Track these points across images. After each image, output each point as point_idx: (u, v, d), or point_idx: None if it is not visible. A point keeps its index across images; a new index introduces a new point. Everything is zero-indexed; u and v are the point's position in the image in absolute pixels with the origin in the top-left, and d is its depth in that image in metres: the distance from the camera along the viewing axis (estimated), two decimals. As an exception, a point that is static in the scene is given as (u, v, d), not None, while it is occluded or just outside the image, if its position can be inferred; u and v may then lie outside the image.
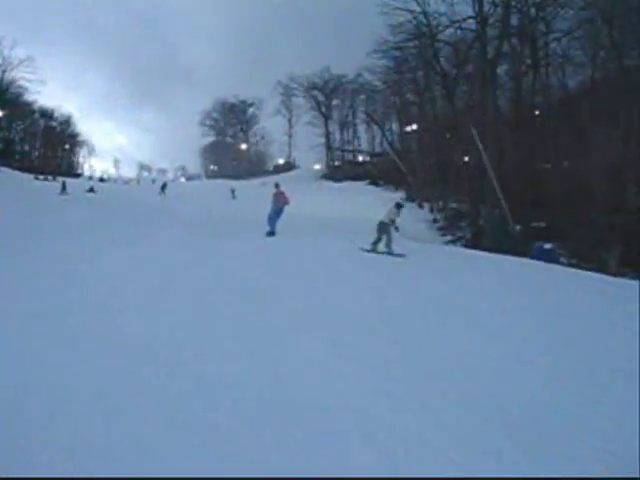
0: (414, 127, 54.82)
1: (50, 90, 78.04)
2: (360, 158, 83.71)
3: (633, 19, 31.89)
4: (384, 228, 16.51)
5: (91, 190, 44.93)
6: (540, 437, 4.68)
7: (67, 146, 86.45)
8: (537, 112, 37.30)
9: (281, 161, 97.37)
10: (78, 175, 79.37)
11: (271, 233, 18.68)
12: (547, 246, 26.78)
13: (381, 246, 16.38)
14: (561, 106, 36.27)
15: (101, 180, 74.43)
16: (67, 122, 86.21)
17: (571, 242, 26.94)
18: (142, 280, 9.74)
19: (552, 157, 32.64)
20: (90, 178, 71.79)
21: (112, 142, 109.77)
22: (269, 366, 5.62)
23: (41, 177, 59.38)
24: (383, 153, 73.50)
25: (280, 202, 19.23)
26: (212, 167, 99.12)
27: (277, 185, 20.04)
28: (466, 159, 39.96)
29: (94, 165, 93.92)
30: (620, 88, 28.60)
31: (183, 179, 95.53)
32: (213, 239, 17.51)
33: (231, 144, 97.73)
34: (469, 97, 45.39)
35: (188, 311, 7.65)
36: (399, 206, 17.83)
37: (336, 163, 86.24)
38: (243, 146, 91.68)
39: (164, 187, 50.83)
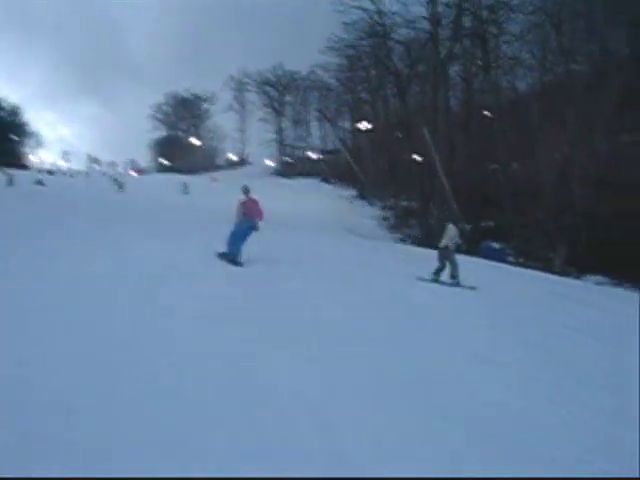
0: (366, 125, 55.01)
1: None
2: (313, 155, 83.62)
3: (579, 25, 32.75)
4: (445, 254, 14.02)
5: (39, 183, 43.64)
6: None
7: (14, 137, 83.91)
8: (488, 113, 37.88)
9: (233, 157, 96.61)
10: (25, 167, 77.05)
11: (231, 259, 12.64)
12: (495, 245, 27.37)
13: (445, 275, 13.95)
14: (511, 107, 36.95)
15: (49, 173, 72.41)
16: (14, 112, 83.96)
17: (519, 241, 27.48)
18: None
19: (502, 157, 33.20)
20: (39, 171, 69.67)
21: (54, 133, 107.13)
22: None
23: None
24: (335, 150, 73.64)
25: (250, 214, 13.18)
26: (163, 161, 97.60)
27: (246, 190, 13.70)
28: (417, 158, 40.31)
29: (41, 157, 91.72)
30: (567, 91, 29.29)
31: (134, 173, 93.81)
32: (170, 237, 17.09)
33: (183, 138, 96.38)
34: (421, 96, 45.82)
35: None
36: (457, 223, 15.30)
37: (289, 160, 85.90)
38: (195, 141, 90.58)
39: (121, 185, 47.64)
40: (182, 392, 4.93)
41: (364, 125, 54.97)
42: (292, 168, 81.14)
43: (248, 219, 13.11)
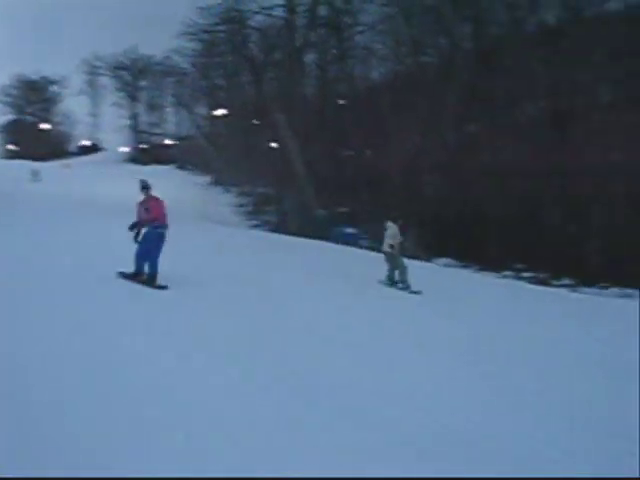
0: (222, 111, 54.21)
1: None
2: (168, 142, 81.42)
3: (429, 19, 33.99)
4: (391, 257, 13.84)
5: None
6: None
7: None
8: (342, 101, 38.49)
9: (86, 143, 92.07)
10: None
11: (149, 279, 10.61)
12: (348, 230, 27.95)
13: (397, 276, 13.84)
14: (365, 96, 37.74)
15: None
16: None
17: (372, 226, 28.12)
18: None
19: (356, 145, 33.87)
20: None
21: None
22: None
23: None
24: (191, 137, 72.16)
25: (156, 218, 10.80)
26: (11, 147, 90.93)
27: (146, 186, 11.18)
28: (273, 145, 40.28)
29: None
30: (418, 82, 30.39)
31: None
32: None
33: (32, 123, 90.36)
34: (277, 83, 45.76)
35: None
36: (396, 220, 14.35)
37: (144, 146, 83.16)
38: (45, 126, 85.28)
39: None
40: None
41: (220, 111, 54.19)
42: (147, 154, 78.56)
43: (156, 226, 10.78)
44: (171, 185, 50.30)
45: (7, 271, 10.05)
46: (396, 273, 13.87)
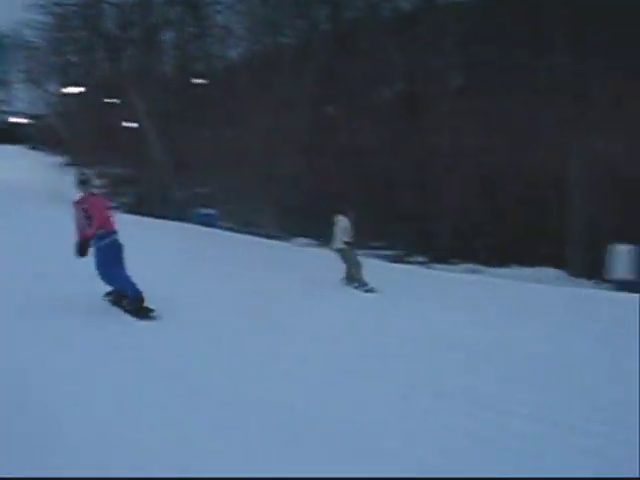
0: (76, 89, 51.49)
1: None
2: (20, 120, 76.38)
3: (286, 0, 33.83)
4: (345, 254, 12.99)
5: None
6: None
7: None
8: (201, 80, 37.66)
9: None
10: None
11: (133, 299, 8.61)
12: (206, 211, 27.50)
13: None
14: (224, 76, 37.12)
15: None
16: None
17: (231, 207, 27.82)
18: None
19: (216, 125, 33.17)
20: None
21: None
22: None
23: None
24: (44, 115, 68.13)
25: (96, 226, 8.53)
26: None
27: (84, 181, 9.31)
28: (130, 124, 38.80)
29: None
30: (275, 63, 30.24)
31: None
32: None
33: None
34: (134, 62, 44.02)
35: None
36: (348, 213, 13.32)
37: (-11, 125, 77.60)
38: None
39: None
40: None
41: (73, 89, 51.52)
42: (-5, 134, 73.38)
43: (102, 236, 8.56)
44: (22, 166, 47.50)
45: None
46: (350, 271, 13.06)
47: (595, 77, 19.98)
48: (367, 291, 12.74)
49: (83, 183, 9.09)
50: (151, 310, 8.55)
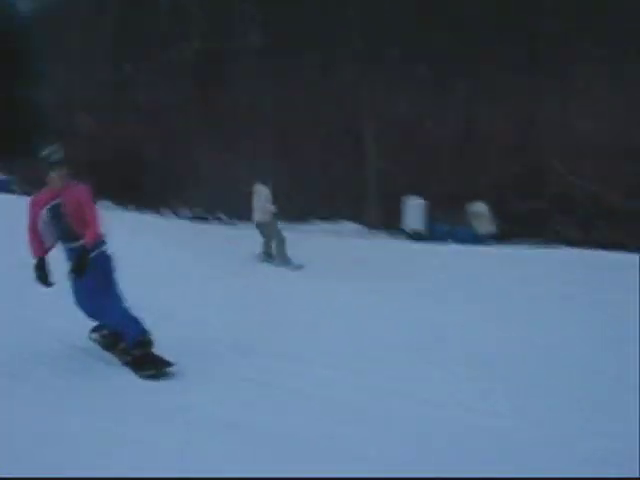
0: None
1: None
2: None
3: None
4: (266, 228, 11.73)
5: None
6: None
7: None
8: None
9: None
10: None
11: (134, 342, 5.47)
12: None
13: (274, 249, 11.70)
14: (18, 30, 34.70)
15: None
16: None
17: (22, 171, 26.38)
18: None
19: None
20: None
21: None
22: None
23: None
24: None
25: (79, 229, 5.54)
26: None
27: (57, 161, 5.72)
28: None
29: None
30: (70, 17, 28.87)
31: None
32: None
33: None
34: None
35: None
36: (267, 183, 12.04)
37: None
38: None
39: None
40: None
41: None
42: None
43: (79, 246, 5.53)
44: None
45: None
46: (272, 246, 11.87)
47: (386, 38, 20.82)
48: (295, 268, 11.70)
49: (56, 164, 5.70)
50: (167, 364, 5.52)
